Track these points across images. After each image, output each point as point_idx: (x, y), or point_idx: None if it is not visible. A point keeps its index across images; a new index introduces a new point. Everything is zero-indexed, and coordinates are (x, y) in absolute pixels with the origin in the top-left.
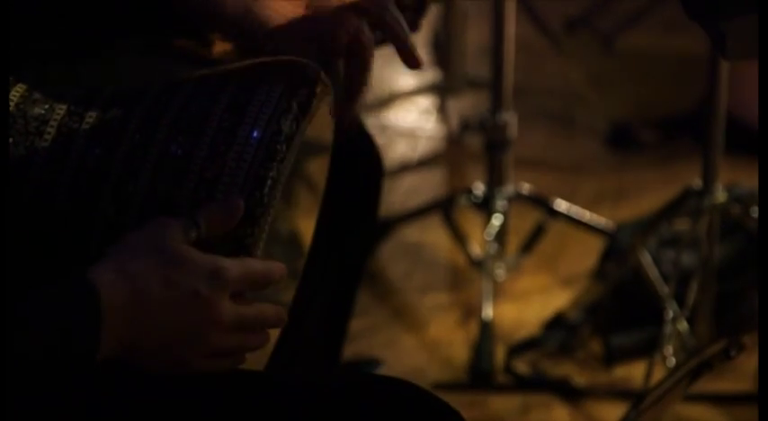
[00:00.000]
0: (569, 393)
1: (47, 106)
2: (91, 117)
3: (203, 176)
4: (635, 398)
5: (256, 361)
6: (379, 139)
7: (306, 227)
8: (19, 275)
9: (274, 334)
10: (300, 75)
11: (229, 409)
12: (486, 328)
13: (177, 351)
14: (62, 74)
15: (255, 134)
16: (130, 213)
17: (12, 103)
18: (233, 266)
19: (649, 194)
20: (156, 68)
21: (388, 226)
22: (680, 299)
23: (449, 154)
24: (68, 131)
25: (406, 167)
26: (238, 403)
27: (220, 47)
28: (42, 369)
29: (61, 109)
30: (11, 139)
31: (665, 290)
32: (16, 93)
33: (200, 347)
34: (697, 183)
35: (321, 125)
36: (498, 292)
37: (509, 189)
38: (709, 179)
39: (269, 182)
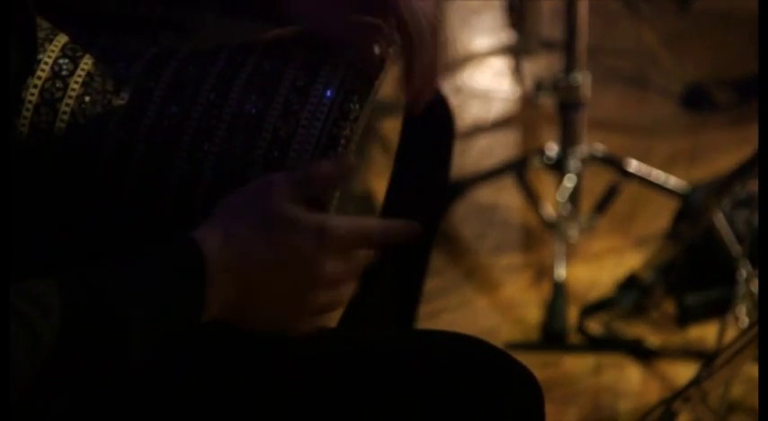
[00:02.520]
0: (642, 353)
1: (124, 65)
2: (167, 76)
3: (277, 135)
4: (708, 358)
5: (328, 321)
6: (454, 101)
7: (379, 186)
8: (96, 232)
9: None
10: (374, 34)
11: (299, 364)
12: (559, 289)
13: (281, 309)
14: (140, 35)
15: (329, 93)
16: (205, 171)
17: (89, 62)
18: (340, 224)
19: (724, 155)
20: (232, 28)
21: (462, 187)
22: (753, 259)
23: (523, 115)
24: (145, 90)
25: (479, 129)
26: (309, 360)
27: None
28: (149, 337)
29: (138, 67)
30: (88, 98)
31: (738, 250)
32: (94, 52)
33: (300, 306)
34: None
35: (395, 85)
36: (571, 253)
37: (582, 150)
38: None
39: (342, 141)
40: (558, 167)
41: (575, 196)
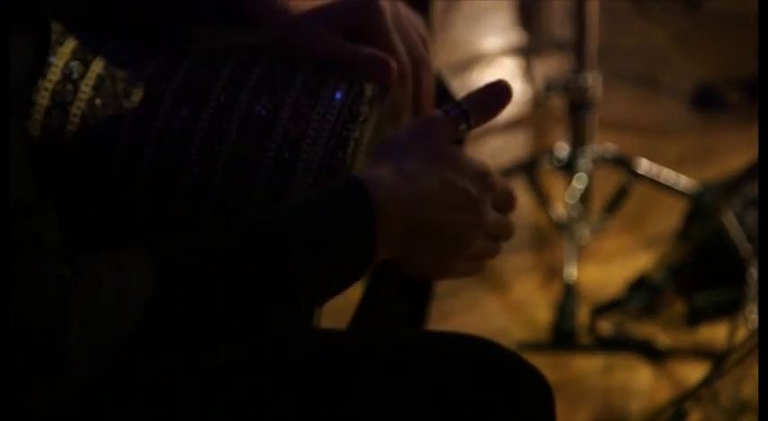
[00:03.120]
0: (653, 354)
1: (134, 68)
2: (177, 78)
3: (287, 137)
4: (718, 358)
5: (338, 320)
6: None
7: None
8: (106, 234)
9: (355, 294)
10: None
11: (311, 367)
12: (570, 289)
13: (445, 251)
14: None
15: (339, 95)
16: (215, 173)
17: (100, 65)
18: (497, 175)
19: (734, 155)
20: (242, 31)
21: None
22: None
23: (533, 115)
24: (155, 93)
25: (490, 129)
26: (319, 361)
27: None
28: (322, 282)
29: (149, 70)
30: (99, 101)
31: (748, 250)
32: (105, 54)
33: (464, 249)
34: None
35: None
36: (582, 254)
37: (593, 150)
38: None
39: (351, 143)
40: (569, 168)
41: (585, 196)
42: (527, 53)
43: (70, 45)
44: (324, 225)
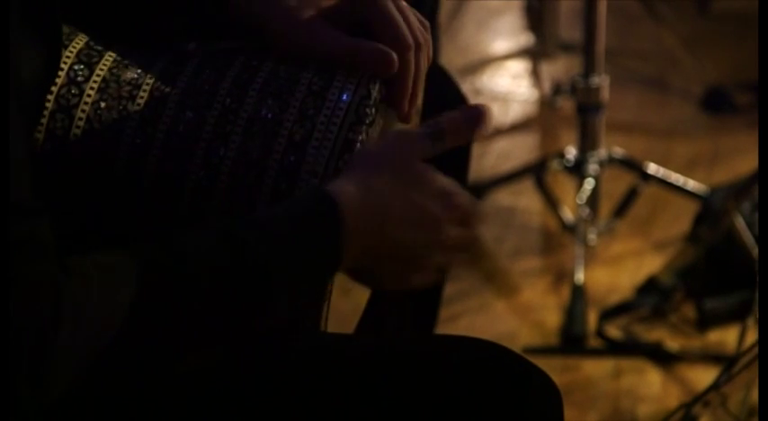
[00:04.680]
0: (662, 357)
1: (139, 70)
2: (182, 81)
3: (293, 139)
4: (727, 362)
5: (345, 325)
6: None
7: None
8: (111, 237)
9: (362, 298)
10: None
11: (317, 372)
12: (578, 293)
13: (401, 267)
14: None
15: (345, 97)
16: (220, 176)
17: (105, 68)
18: (464, 193)
19: (744, 158)
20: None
21: (481, 190)
22: None
23: (541, 118)
24: (160, 95)
25: (498, 131)
26: (326, 365)
27: None
28: (290, 293)
29: (153, 73)
30: (104, 104)
31: (758, 253)
32: (109, 57)
33: (420, 264)
34: None
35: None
36: (590, 257)
37: (601, 153)
38: None
39: (358, 145)
40: (577, 170)
41: (594, 199)
42: (535, 56)
43: (75, 48)
44: (295, 237)
